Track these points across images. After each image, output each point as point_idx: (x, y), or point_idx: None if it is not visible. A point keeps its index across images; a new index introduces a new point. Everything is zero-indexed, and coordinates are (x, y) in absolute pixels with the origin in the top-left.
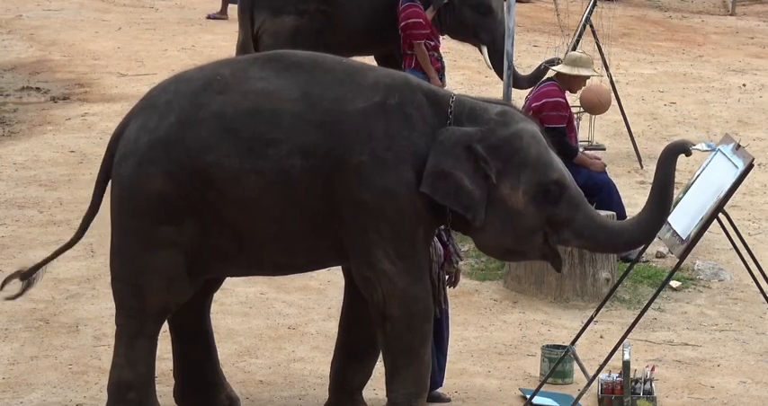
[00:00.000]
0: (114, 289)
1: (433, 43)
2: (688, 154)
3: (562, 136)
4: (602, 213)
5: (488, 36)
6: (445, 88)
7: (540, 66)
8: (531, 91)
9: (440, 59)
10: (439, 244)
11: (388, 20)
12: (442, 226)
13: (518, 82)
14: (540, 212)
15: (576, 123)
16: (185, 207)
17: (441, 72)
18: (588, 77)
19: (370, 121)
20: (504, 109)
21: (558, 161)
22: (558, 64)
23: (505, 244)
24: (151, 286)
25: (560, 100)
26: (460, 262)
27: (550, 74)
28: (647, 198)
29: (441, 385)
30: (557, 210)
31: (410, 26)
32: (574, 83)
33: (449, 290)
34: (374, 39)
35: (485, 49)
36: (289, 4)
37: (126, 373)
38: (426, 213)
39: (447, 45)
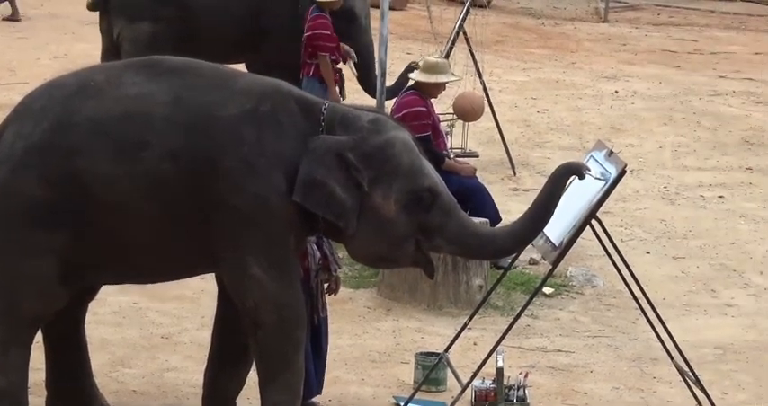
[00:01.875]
0: None
1: (334, 57)
2: (581, 177)
3: (428, 145)
4: (476, 220)
5: (354, 44)
6: (344, 101)
7: (402, 75)
8: (395, 101)
9: (339, 72)
10: (317, 252)
11: (252, 27)
12: (317, 234)
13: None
14: (412, 219)
15: (448, 130)
16: (60, 213)
17: (340, 84)
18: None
19: (242, 127)
20: (377, 117)
21: (430, 168)
22: (416, 69)
23: (377, 252)
24: (24, 293)
25: (420, 109)
26: (339, 270)
27: (415, 76)
28: (520, 204)
29: (319, 393)
30: (429, 217)
31: (317, 37)
32: (433, 89)
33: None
34: (238, 46)
35: (352, 54)
36: (144, 10)
37: None
38: (298, 220)
39: None
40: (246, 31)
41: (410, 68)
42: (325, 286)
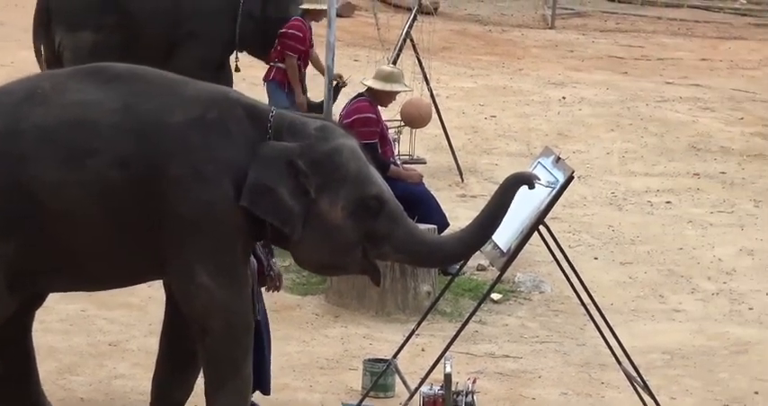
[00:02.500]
0: None
1: (299, 63)
2: (531, 187)
3: (374, 152)
4: (424, 227)
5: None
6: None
7: (336, 84)
8: (345, 107)
9: (302, 79)
10: (253, 258)
11: (184, 31)
12: (264, 241)
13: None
14: (358, 227)
15: (396, 137)
16: (8, 221)
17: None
18: (399, 92)
19: (190, 134)
20: (324, 124)
21: (377, 176)
22: (341, 83)
23: (324, 259)
24: None
25: (370, 115)
26: (273, 272)
27: (371, 84)
28: (468, 211)
29: (268, 393)
30: (376, 225)
31: (289, 36)
32: (385, 98)
33: (270, 305)
34: (172, 60)
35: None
36: (85, 19)
37: None
38: (246, 227)
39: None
40: (180, 36)
41: (337, 88)
42: (261, 290)
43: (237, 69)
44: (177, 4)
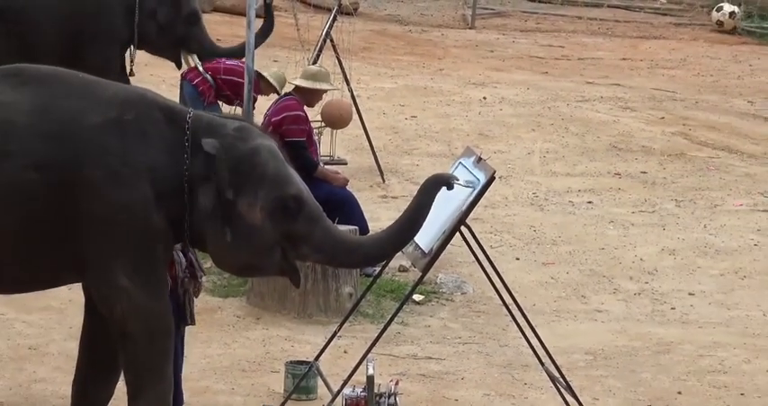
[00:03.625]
0: None
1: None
2: (450, 187)
3: (302, 151)
4: (344, 228)
5: (197, 45)
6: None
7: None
8: (271, 106)
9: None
10: (183, 259)
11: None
12: (183, 243)
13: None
14: (277, 228)
15: (317, 138)
16: None
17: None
18: (326, 91)
19: (106, 136)
20: (242, 124)
21: (296, 176)
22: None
23: (242, 260)
24: None
25: (300, 113)
26: (203, 277)
27: (288, 88)
28: (389, 211)
29: (182, 402)
30: (295, 226)
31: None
32: (312, 97)
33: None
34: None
35: (195, 58)
36: None
37: None
38: (164, 229)
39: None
40: (78, 38)
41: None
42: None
43: (131, 73)
44: (71, 3)
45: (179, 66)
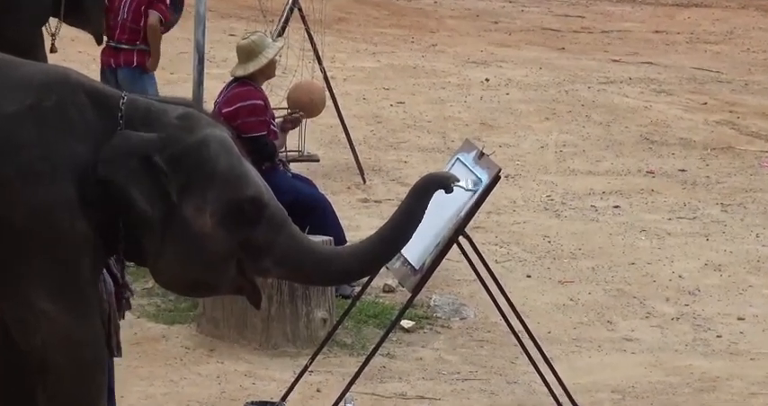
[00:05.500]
0: None
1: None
2: (448, 190)
3: (264, 147)
4: (317, 238)
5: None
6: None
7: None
8: (220, 93)
9: None
10: (107, 276)
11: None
12: (116, 256)
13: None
14: (232, 236)
15: (301, 127)
16: None
17: None
18: (277, 57)
19: (21, 127)
20: (187, 111)
21: (254, 174)
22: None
23: (190, 276)
24: None
25: (257, 102)
26: (132, 297)
27: (240, 72)
28: (371, 219)
29: None
30: (253, 233)
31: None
32: (262, 74)
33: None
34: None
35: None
36: None
37: None
38: (93, 238)
39: None
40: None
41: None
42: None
43: (54, 49)
44: None
45: (99, 41)
